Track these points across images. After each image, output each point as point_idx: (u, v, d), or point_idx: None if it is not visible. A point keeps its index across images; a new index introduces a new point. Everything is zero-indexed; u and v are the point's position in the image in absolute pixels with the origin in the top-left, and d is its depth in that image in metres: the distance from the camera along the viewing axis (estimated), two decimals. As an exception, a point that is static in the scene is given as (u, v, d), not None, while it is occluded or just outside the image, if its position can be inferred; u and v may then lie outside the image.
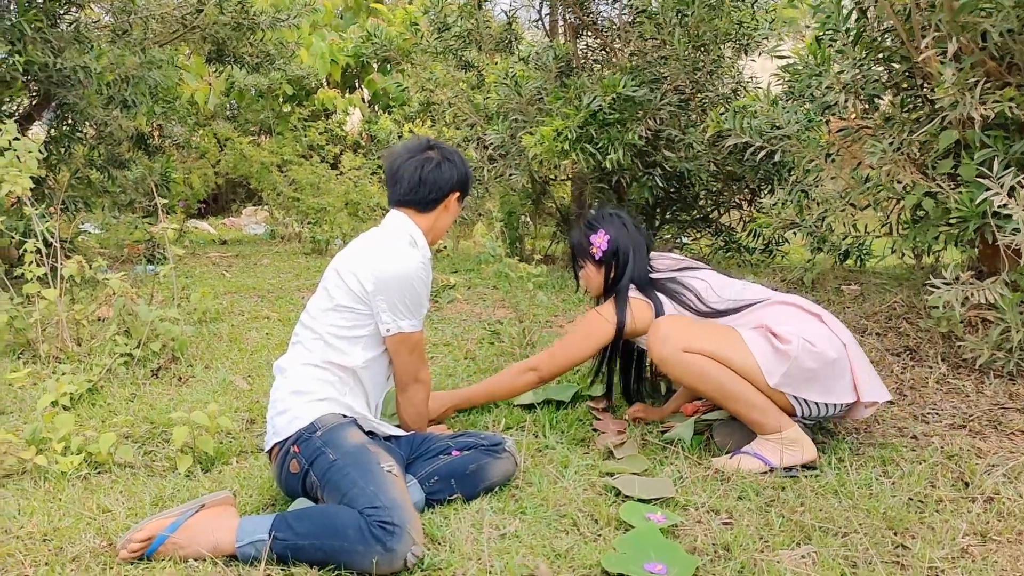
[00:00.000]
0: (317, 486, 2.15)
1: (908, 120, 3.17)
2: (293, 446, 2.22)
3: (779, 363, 2.35)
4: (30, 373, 3.44)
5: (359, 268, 2.38)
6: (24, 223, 4.61)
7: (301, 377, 2.35)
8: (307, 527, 1.97)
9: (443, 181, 2.47)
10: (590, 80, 4.88)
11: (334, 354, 2.36)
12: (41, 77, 5.43)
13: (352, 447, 2.17)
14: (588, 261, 2.81)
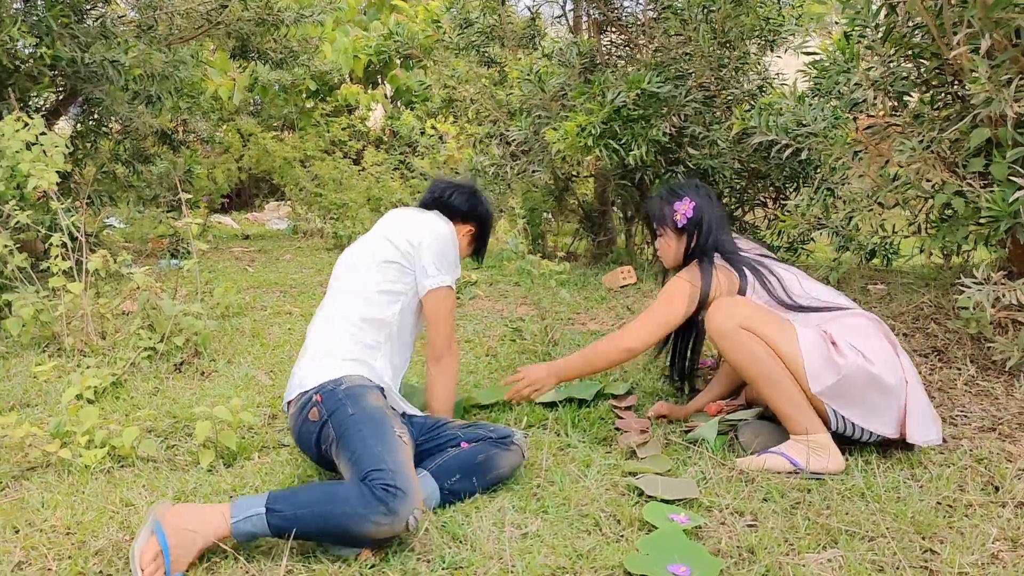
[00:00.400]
0: (333, 439, 2.21)
1: (938, 118, 3.12)
2: (315, 395, 2.30)
3: (827, 373, 2.32)
4: (55, 366, 3.47)
5: (406, 229, 2.63)
6: (50, 217, 4.64)
7: (333, 334, 2.48)
8: (305, 497, 1.97)
9: (462, 208, 2.80)
10: (614, 76, 4.85)
11: (370, 309, 2.51)
12: (68, 72, 5.47)
13: (372, 408, 2.25)
14: (668, 229, 2.75)
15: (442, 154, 8.82)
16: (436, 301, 2.58)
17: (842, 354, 2.32)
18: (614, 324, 4.18)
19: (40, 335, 3.96)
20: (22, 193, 4.12)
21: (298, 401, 2.36)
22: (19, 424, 2.54)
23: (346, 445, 2.14)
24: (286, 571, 1.87)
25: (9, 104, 4.82)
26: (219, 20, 6.78)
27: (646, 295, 4.73)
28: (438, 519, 2.13)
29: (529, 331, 3.60)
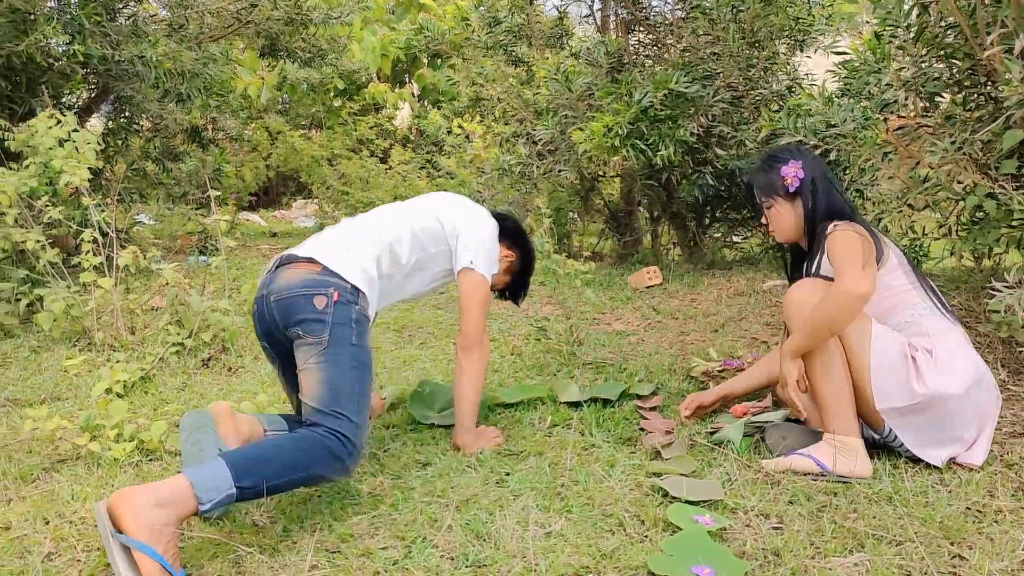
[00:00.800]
0: (317, 345, 2.20)
1: (970, 119, 3.08)
2: (335, 291, 2.28)
3: (899, 395, 2.27)
4: (85, 360, 3.51)
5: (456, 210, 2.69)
6: (81, 213, 4.70)
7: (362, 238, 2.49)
8: (270, 470, 1.97)
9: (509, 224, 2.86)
10: (641, 76, 4.83)
11: (398, 244, 2.53)
12: (99, 70, 5.54)
13: (369, 349, 2.33)
14: (779, 198, 2.56)
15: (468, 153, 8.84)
16: (471, 286, 2.61)
17: (923, 382, 2.25)
18: (639, 325, 4.17)
19: (71, 330, 4.02)
20: (54, 189, 4.18)
21: (314, 268, 2.32)
22: (50, 417, 2.58)
23: (332, 368, 2.18)
24: (310, 567, 1.89)
25: (43, 101, 4.89)
26: (249, 19, 6.84)
27: (672, 295, 4.71)
28: (461, 517, 2.13)
29: (554, 331, 3.60)
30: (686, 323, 4.13)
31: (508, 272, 2.89)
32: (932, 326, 2.38)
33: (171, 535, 1.78)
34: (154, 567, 1.72)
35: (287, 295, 2.28)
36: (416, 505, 2.20)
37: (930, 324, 2.38)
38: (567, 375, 3.32)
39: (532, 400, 3.03)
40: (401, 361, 3.67)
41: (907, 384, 2.26)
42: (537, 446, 2.62)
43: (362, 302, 2.34)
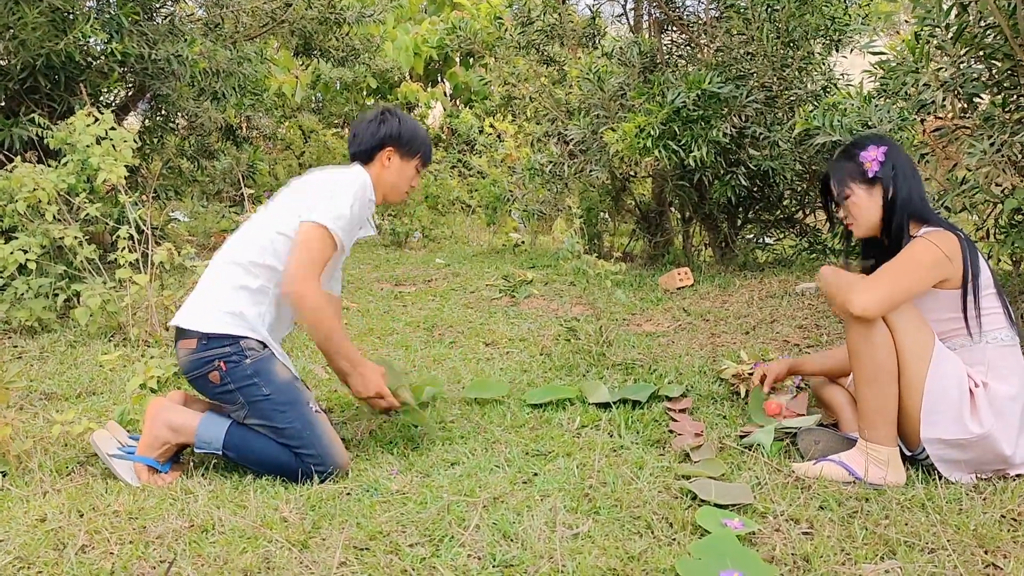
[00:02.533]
0: (242, 406, 2.42)
1: (1010, 120, 3.03)
2: (220, 362, 2.40)
3: (949, 427, 2.19)
4: (120, 356, 3.56)
5: (308, 178, 2.63)
6: (118, 210, 4.77)
7: (220, 275, 2.51)
8: (253, 458, 2.42)
9: (369, 134, 2.70)
10: (674, 76, 4.81)
11: (264, 254, 2.49)
12: (137, 69, 5.61)
13: (284, 383, 2.44)
14: (857, 185, 2.40)
15: (500, 152, 8.84)
16: (303, 233, 2.47)
17: (979, 420, 2.17)
18: (670, 326, 4.15)
19: (107, 325, 4.08)
20: (92, 186, 4.24)
21: (194, 348, 2.43)
22: (79, 423, 2.62)
23: (269, 421, 2.40)
24: (339, 563, 1.90)
25: (81, 100, 4.96)
26: (283, 18, 6.90)
27: (703, 297, 4.68)
28: (489, 516, 2.13)
29: (584, 331, 3.59)
30: (717, 325, 4.10)
31: (403, 166, 2.74)
32: (997, 357, 2.26)
33: (164, 447, 2.44)
34: (142, 467, 2.41)
35: (190, 377, 2.48)
36: (444, 504, 2.20)
37: (995, 354, 2.26)
38: (596, 376, 3.31)
39: (561, 401, 3.03)
40: (431, 359, 3.68)
41: (960, 419, 2.18)
42: (566, 447, 2.62)
43: (247, 345, 2.43)
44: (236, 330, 2.43)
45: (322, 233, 2.47)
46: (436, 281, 5.65)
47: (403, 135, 2.72)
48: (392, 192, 2.77)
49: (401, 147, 2.72)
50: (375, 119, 2.73)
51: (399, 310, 4.75)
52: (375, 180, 2.69)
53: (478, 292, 5.19)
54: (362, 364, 2.55)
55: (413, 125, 2.76)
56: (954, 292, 2.27)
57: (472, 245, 7.68)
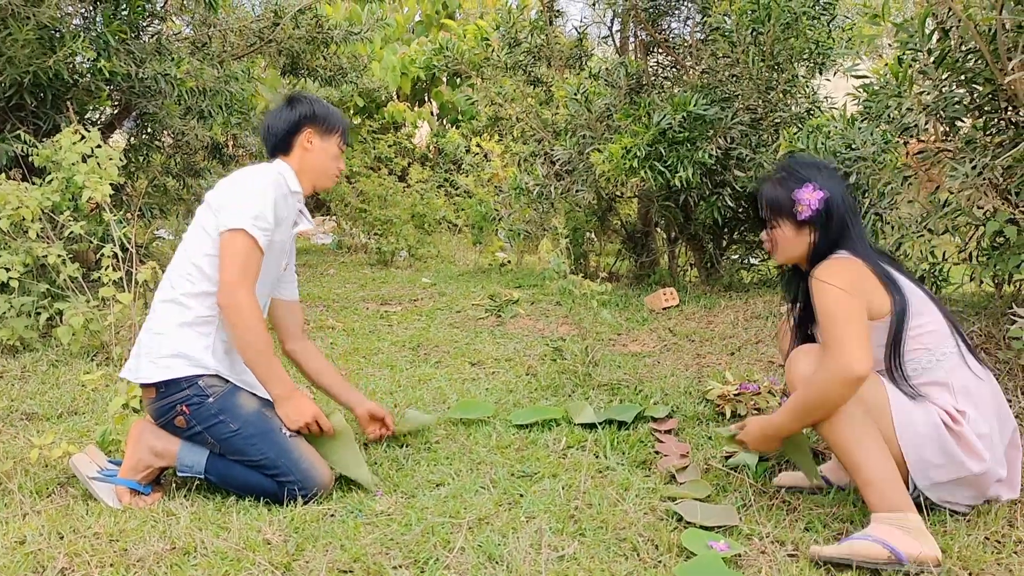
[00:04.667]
0: (213, 444, 2.40)
1: (991, 144, 3.06)
2: (182, 406, 2.37)
3: (944, 471, 2.04)
4: (103, 375, 3.52)
5: (220, 186, 2.52)
6: (103, 228, 4.74)
7: (163, 317, 2.45)
8: (235, 483, 2.41)
9: (286, 121, 2.61)
10: (660, 98, 4.84)
11: (200, 281, 2.42)
12: (123, 87, 5.60)
13: (251, 415, 2.41)
14: (784, 221, 2.25)
15: (486, 172, 8.86)
16: (224, 242, 2.38)
17: (976, 457, 2.03)
18: (655, 346, 4.15)
19: (89, 344, 4.05)
20: (76, 204, 4.22)
21: (155, 396, 2.41)
22: (59, 445, 2.59)
23: (242, 455, 2.38)
24: None
25: (67, 117, 4.94)
26: (271, 37, 6.91)
27: (688, 317, 4.69)
28: (474, 538, 2.12)
29: (570, 351, 3.58)
30: (703, 345, 4.11)
31: (323, 145, 2.64)
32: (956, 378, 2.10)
33: (146, 470, 2.42)
34: (123, 489, 2.39)
35: (159, 424, 2.46)
36: (429, 525, 2.19)
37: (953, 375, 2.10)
38: (582, 396, 3.31)
39: (547, 421, 3.02)
40: (416, 379, 3.67)
41: (955, 459, 2.02)
42: (551, 468, 2.61)
43: (207, 383, 2.39)
44: (184, 372, 2.37)
45: (244, 238, 2.37)
46: (422, 300, 5.65)
47: (318, 113, 2.62)
48: (321, 177, 2.66)
49: (319, 125, 2.62)
50: (284, 106, 2.64)
51: (385, 329, 4.74)
52: (299, 168, 2.61)
53: (464, 312, 5.18)
54: (296, 395, 2.45)
55: (325, 103, 2.67)
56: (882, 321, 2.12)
57: (458, 264, 7.68)
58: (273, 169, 2.55)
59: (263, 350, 2.38)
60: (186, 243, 2.50)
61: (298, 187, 2.60)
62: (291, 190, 2.57)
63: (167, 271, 2.53)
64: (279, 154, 2.64)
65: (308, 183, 2.64)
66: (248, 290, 2.36)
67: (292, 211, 2.60)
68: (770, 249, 2.33)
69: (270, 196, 2.45)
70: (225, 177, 2.55)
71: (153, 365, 2.39)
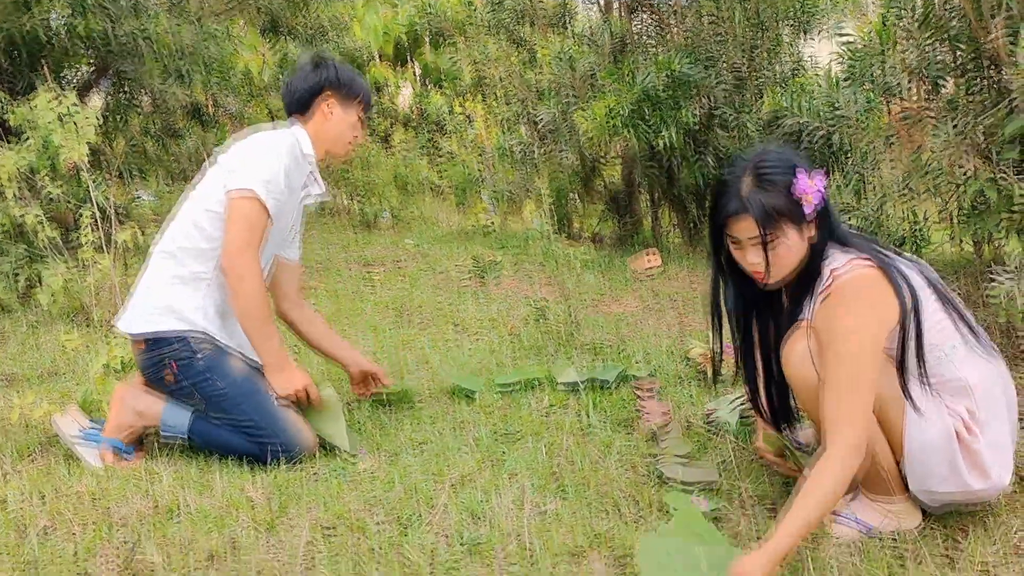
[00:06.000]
0: (200, 401, 2.40)
1: (973, 105, 3.07)
2: (171, 362, 2.35)
3: (942, 482, 1.84)
4: (83, 337, 3.51)
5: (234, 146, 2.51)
6: (81, 190, 4.68)
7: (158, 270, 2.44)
8: (218, 443, 2.41)
9: (308, 83, 2.55)
10: (644, 59, 4.81)
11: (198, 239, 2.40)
12: (99, 46, 5.50)
13: (239, 377, 2.39)
14: (790, 226, 1.83)
15: (470, 134, 8.81)
16: (233, 204, 2.36)
17: (980, 471, 1.82)
18: (638, 308, 4.17)
19: (69, 306, 4.02)
20: (54, 165, 4.16)
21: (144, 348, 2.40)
22: (40, 405, 2.58)
23: (229, 416, 2.38)
24: (306, 544, 1.89)
25: (43, 77, 4.86)
26: (250, -4, 6.81)
27: (671, 279, 4.71)
28: (457, 496, 2.14)
29: (553, 313, 3.59)
30: (685, 306, 4.13)
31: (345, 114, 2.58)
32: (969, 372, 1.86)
33: (129, 431, 2.43)
34: (106, 450, 2.39)
35: (147, 377, 2.46)
36: (412, 484, 2.20)
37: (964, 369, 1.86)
38: (565, 357, 3.32)
39: (530, 382, 3.03)
40: (399, 342, 3.67)
41: (956, 471, 1.82)
42: (534, 428, 2.62)
43: (197, 341, 2.37)
44: (173, 327, 2.35)
45: (253, 202, 2.34)
46: (405, 263, 5.63)
47: (341, 78, 2.57)
48: (336, 144, 2.61)
49: (340, 90, 2.57)
50: (309, 67, 2.58)
51: (368, 292, 4.73)
52: (315, 133, 2.56)
53: (447, 274, 5.17)
54: (288, 365, 2.45)
55: (350, 69, 2.63)
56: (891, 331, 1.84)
57: (442, 227, 7.65)
58: (289, 133, 2.52)
59: (262, 318, 2.38)
60: (192, 200, 2.48)
61: (311, 151, 2.55)
62: (303, 153, 2.53)
63: (169, 224, 2.51)
64: (297, 115, 2.59)
65: (322, 149, 2.59)
66: (253, 257, 2.34)
67: (304, 176, 2.58)
68: (763, 274, 1.88)
69: (284, 161, 2.43)
70: (235, 136, 2.54)
71: (142, 318, 2.39)
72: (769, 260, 1.85)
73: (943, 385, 1.85)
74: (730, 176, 1.90)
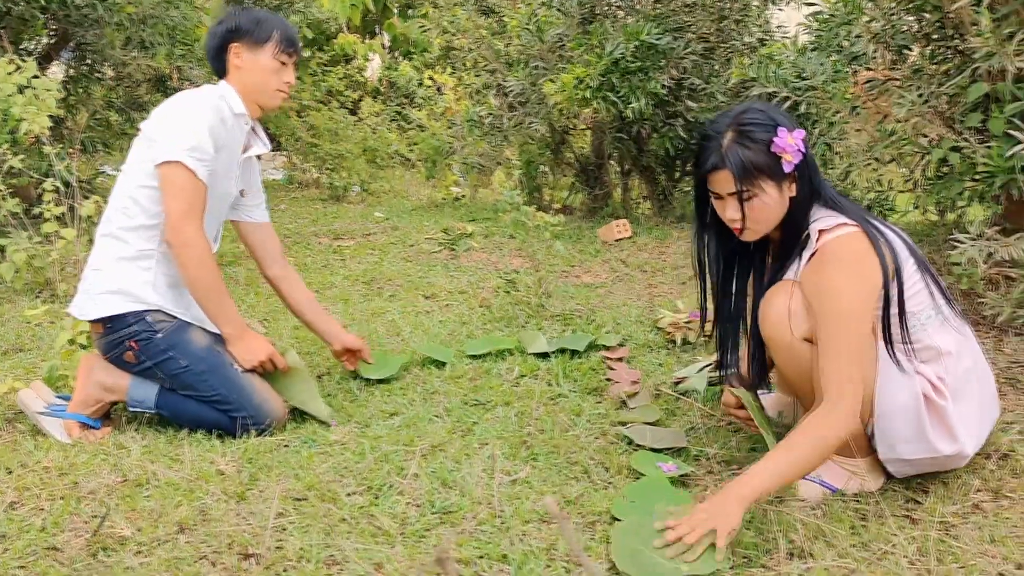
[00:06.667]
0: (164, 380, 2.37)
1: (937, 72, 3.09)
2: (130, 341, 2.33)
3: (910, 447, 1.86)
4: (48, 311, 3.47)
5: (154, 115, 2.39)
6: (44, 163, 4.60)
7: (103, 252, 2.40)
8: (187, 416, 2.38)
9: (215, 40, 2.46)
10: (613, 27, 4.79)
11: (137, 215, 2.35)
12: (59, 15, 5.39)
13: (200, 350, 2.36)
14: (768, 182, 1.85)
15: (439, 105, 8.75)
16: (163, 178, 2.29)
17: (951, 436, 1.85)
18: (608, 277, 4.18)
19: (33, 281, 3.96)
20: (14, 138, 4.08)
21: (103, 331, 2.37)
22: (3, 382, 2.55)
23: (194, 390, 2.35)
24: (277, 514, 1.89)
25: (1, 48, 4.75)
26: (213, -36, 6.68)
27: (641, 248, 4.73)
28: (428, 465, 2.15)
29: (523, 283, 3.60)
30: (654, 275, 4.15)
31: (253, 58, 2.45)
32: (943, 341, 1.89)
33: (96, 405, 2.40)
34: (73, 423, 2.36)
35: (109, 358, 2.41)
36: (383, 453, 2.21)
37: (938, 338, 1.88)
38: (535, 327, 3.33)
39: (500, 351, 3.04)
40: (370, 313, 3.66)
41: (922, 433, 1.83)
42: (504, 396, 2.64)
43: (155, 319, 2.34)
44: (125, 307, 2.32)
45: (182, 171, 2.27)
46: (375, 235, 5.60)
47: (243, 24, 2.42)
48: (262, 95, 2.48)
49: (245, 38, 2.43)
50: (215, 23, 2.47)
51: (337, 264, 4.71)
52: (240, 89, 2.46)
53: (417, 245, 5.16)
54: (247, 334, 2.42)
55: (257, 11, 2.48)
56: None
57: (412, 199, 7.61)
58: (213, 93, 2.43)
59: (213, 286, 2.34)
60: (124, 175, 2.41)
61: (242, 109, 2.46)
62: (234, 112, 2.45)
63: (108, 205, 2.45)
64: (219, 75, 2.51)
65: (252, 103, 2.49)
66: (196, 226, 2.30)
67: (239, 135, 2.50)
68: (742, 227, 1.91)
69: (205, 123, 2.32)
70: (160, 104, 2.42)
71: (92, 302, 2.35)
72: (745, 214, 1.88)
73: (917, 351, 1.88)
74: (713, 131, 1.91)
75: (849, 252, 1.82)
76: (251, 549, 1.76)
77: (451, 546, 1.76)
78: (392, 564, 1.71)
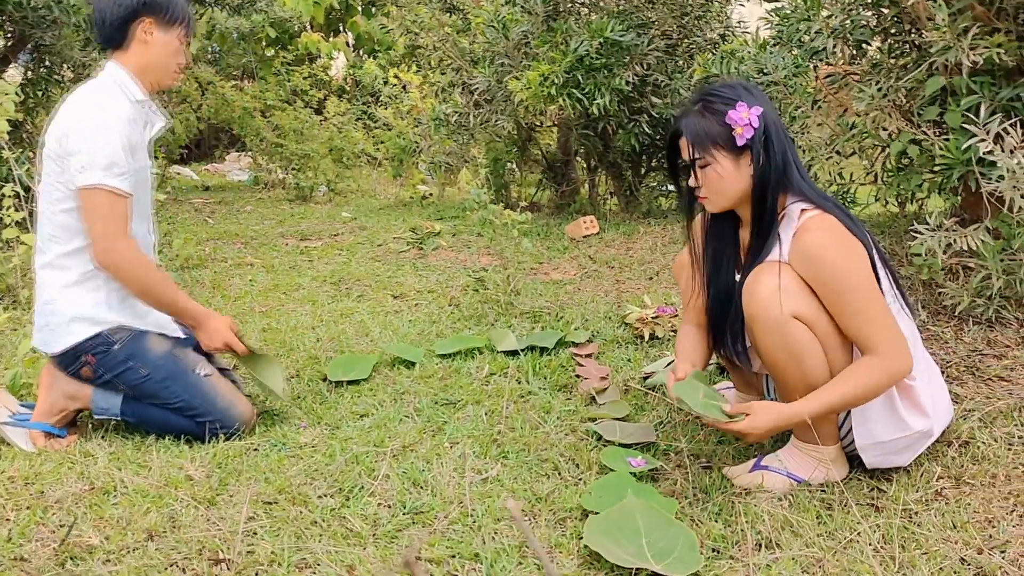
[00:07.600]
0: (126, 391, 2.36)
1: (895, 66, 3.14)
2: (86, 356, 2.31)
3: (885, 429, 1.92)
4: (10, 319, 3.42)
5: (58, 121, 2.29)
6: (3, 167, 4.53)
7: (48, 284, 2.33)
8: (154, 423, 2.37)
9: (122, 8, 2.29)
10: (577, 24, 4.81)
11: (70, 239, 2.28)
12: (15, 16, 5.30)
13: (160, 358, 2.35)
14: (721, 152, 1.91)
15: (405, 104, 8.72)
16: (85, 201, 2.22)
17: (923, 411, 1.93)
18: (576, 274, 4.20)
19: (-6, 287, 3.90)
20: (-29, 142, 4.02)
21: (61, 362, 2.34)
22: None
23: (157, 399, 2.33)
24: (247, 518, 1.89)
25: (-45, 50, 4.68)
26: (173, -36, 6.60)
27: (608, 244, 4.75)
28: (399, 465, 2.15)
29: (492, 281, 3.61)
30: (622, 271, 4.18)
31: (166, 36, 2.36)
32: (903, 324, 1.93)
33: (61, 414, 2.37)
34: (37, 432, 2.34)
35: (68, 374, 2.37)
36: (353, 455, 2.21)
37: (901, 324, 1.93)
38: (504, 325, 3.34)
39: (470, 350, 3.05)
40: (338, 314, 3.65)
41: (894, 410, 1.91)
42: (474, 395, 2.64)
43: (111, 332, 2.31)
44: (89, 332, 2.29)
45: (103, 194, 2.20)
46: (343, 235, 5.58)
47: (160, 0, 2.32)
48: (163, 74, 2.39)
49: (159, 14, 2.32)
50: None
51: (305, 265, 4.68)
52: (137, 68, 2.34)
53: (385, 245, 5.15)
54: (207, 317, 2.41)
55: None
56: None
57: (379, 198, 7.59)
58: (112, 89, 2.30)
59: (161, 291, 2.32)
60: (43, 199, 2.31)
61: (142, 95, 2.36)
62: (135, 101, 2.34)
63: (38, 234, 2.36)
64: (113, 47, 2.35)
65: (148, 82, 2.38)
66: (123, 243, 2.25)
67: (141, 119, 2.39)
68: (703, 197, 1.98)
69: (117, 133, 2.23)
70: (64, 107, 2.30)
71: (54, 334, 2.31)
72: (700, 182, 1.95)
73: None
74: (686, 104, 2.03)
75: (837, 227, 1.87)
76: (222, 554, 1.76)
77: (422, 546, 1.77)
78: (364, 566, 1.71)
